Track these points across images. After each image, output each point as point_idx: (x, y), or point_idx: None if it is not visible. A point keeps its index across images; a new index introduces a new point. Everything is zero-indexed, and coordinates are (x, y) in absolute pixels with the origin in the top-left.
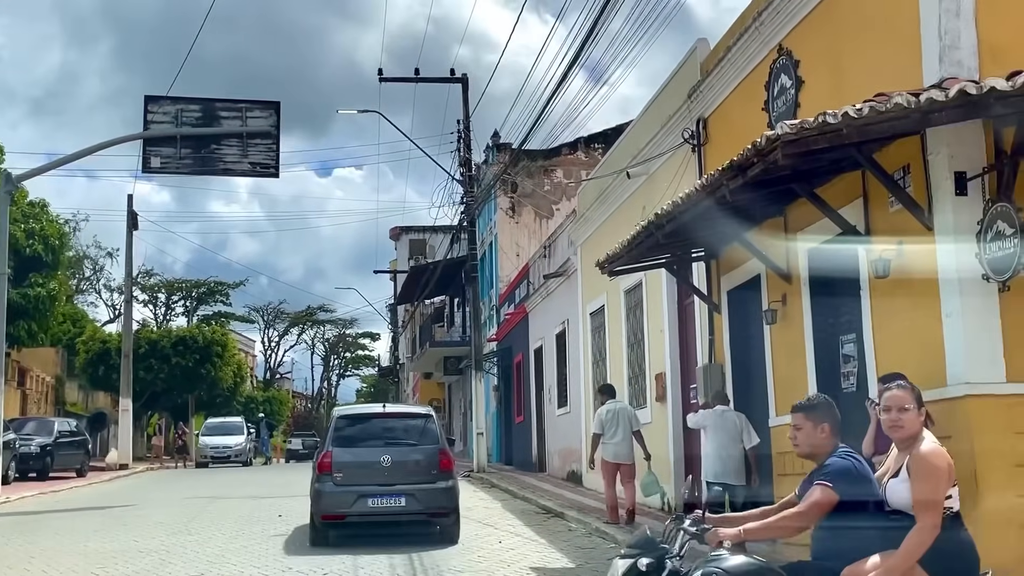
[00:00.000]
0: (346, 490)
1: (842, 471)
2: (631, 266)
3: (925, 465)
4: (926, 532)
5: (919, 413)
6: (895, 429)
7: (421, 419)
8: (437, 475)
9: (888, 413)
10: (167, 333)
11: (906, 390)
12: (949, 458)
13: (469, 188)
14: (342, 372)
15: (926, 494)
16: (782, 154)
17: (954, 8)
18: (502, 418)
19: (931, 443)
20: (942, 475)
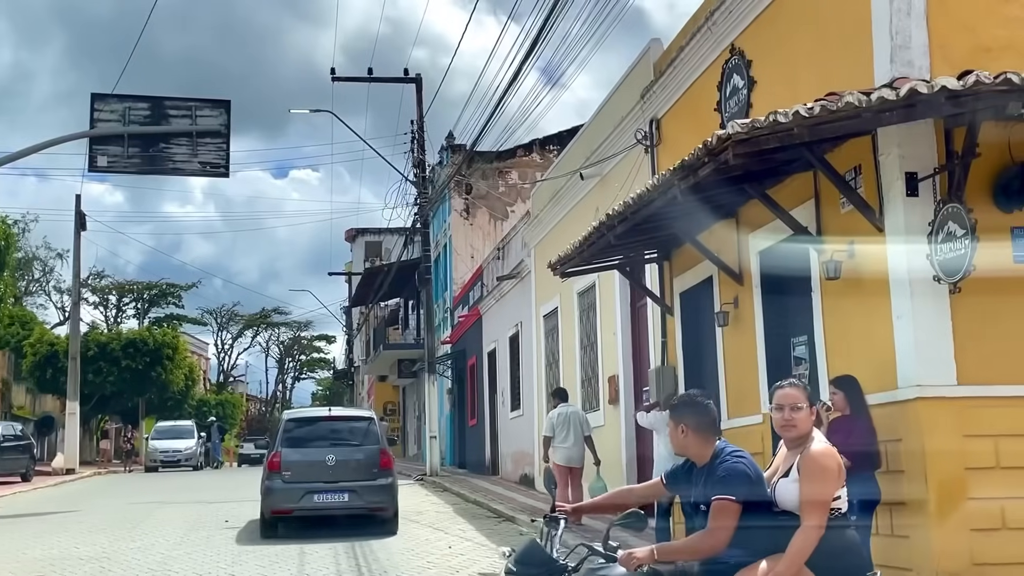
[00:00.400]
0: (294, 487)
1: (739, 477)
2: (583, 267)
3: (815, 465)
4: (811, 532)
5: (811, 412)
6: (787, 428)
7: (364, 422)
8: (378, 473)
9: (780, 412)
10: (117, 335)
11: (799, 388)
12: (839, 458)
13: (423, 189)
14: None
15: (814, 495)
16: (733, 154)
17: (905, 8)
18: (456, 421)
19: (821, 443)
20: (832, 475)
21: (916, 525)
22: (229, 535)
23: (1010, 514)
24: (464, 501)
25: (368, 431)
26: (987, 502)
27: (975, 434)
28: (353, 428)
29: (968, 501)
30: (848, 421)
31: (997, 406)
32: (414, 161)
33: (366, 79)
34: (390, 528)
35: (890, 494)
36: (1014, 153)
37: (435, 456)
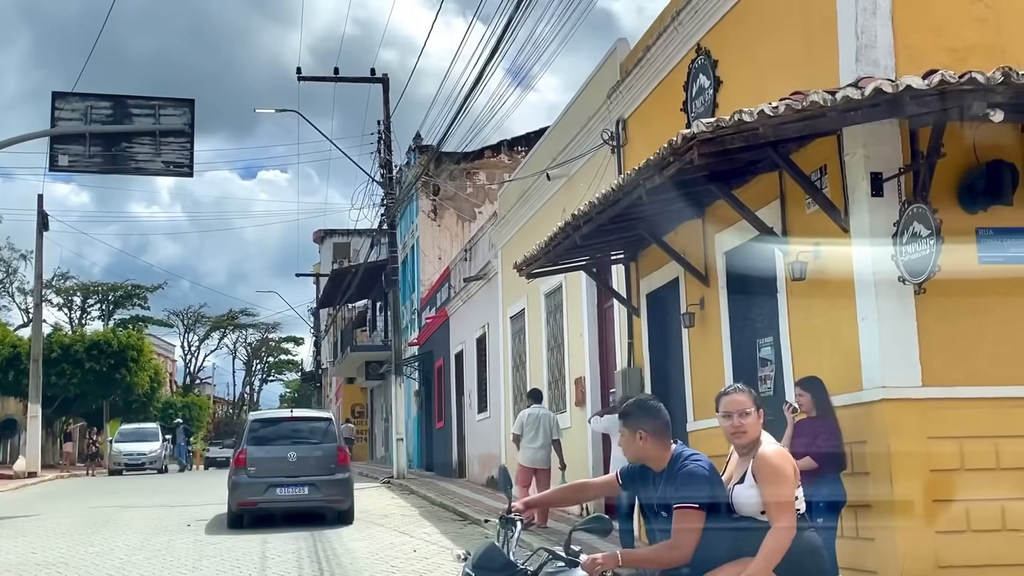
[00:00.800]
0: (258, 481)
1: (700, 481)
2: (549, 268)
3: (771, 468)
4: (783, 533)
5: (759, 416)
6: (737, 435)
7: (323, 422)
8: (335, 468)
9: (729, 419)
10: (81, 337)
11: (745, 393)
12: (792, 459)
13: (390, 190)
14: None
15: (778, 496)
16: (698, 153)
17: (871, 7)
18: (423, 423)
19: (772, 444)
20: (789, 476)
21: (881, 527)
22: (191, 538)
23: (975, 516)
24: (430, 504)
25: (327, 431)
26: (952, 504)
27: (940, 436)
28: (313, 428)
29: (933, 503)
30: (814, 423)
31: (962, 408)
32: (381, 162)
33: (332, 79)
34: (346, 519)
35: (855, 496)
36: (979, 153)
37: (402, 458)
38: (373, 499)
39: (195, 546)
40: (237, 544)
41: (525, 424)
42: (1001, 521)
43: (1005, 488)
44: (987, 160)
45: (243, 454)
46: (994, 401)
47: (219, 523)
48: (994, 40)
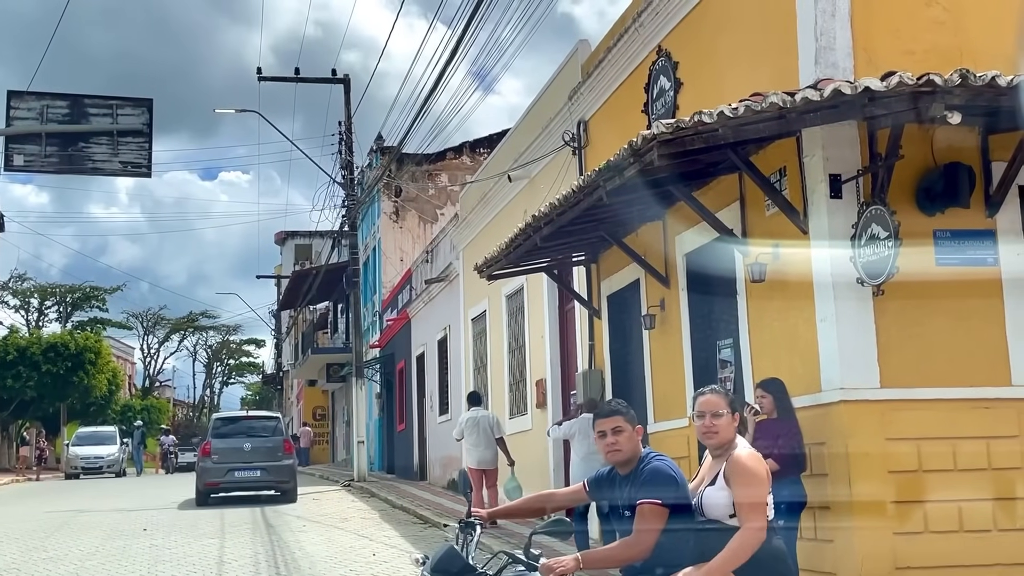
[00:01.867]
0: (220, 466)
1: (665, 479)
2: (510, 270)
3: (745, 470)
4: (753, 533)
5: (733, 419)
6: (709, 435)
7: (272, 420)
8: (282, 456)
9: (702, 419)
10: (37, 339)
11: (719, 395)
12: (765, 464)
13: (351, 191)
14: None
15: (751, 497)
16: (658, 154)
17: (830, 9)
18: (384, 426)
19: (746, 448)
20: (762, 479)
21: (840, 528)
22: (147, 543)
23: (932, 517)
24: (391, 507)
25: (275, 427)
26: (910, 505)
27: (898, 437)
28: (264, 425)
29: (891, 504)
30: (775, 424)
31: (919, 409)
32: (342, 163)
33: (293, 79)
34: (290, 497)
35: (814, 497)
36: (937, 155)
37: (363, 461)
38: (333, 502)
39: (151, 551)
40: (193, 548)
41: (465, 429)
42: (958, 522)
43: (962, 489)
44: (945, 162)
45: (208, 445)
46: (951, 403)
47: (175, 527)
48: (952, 42)
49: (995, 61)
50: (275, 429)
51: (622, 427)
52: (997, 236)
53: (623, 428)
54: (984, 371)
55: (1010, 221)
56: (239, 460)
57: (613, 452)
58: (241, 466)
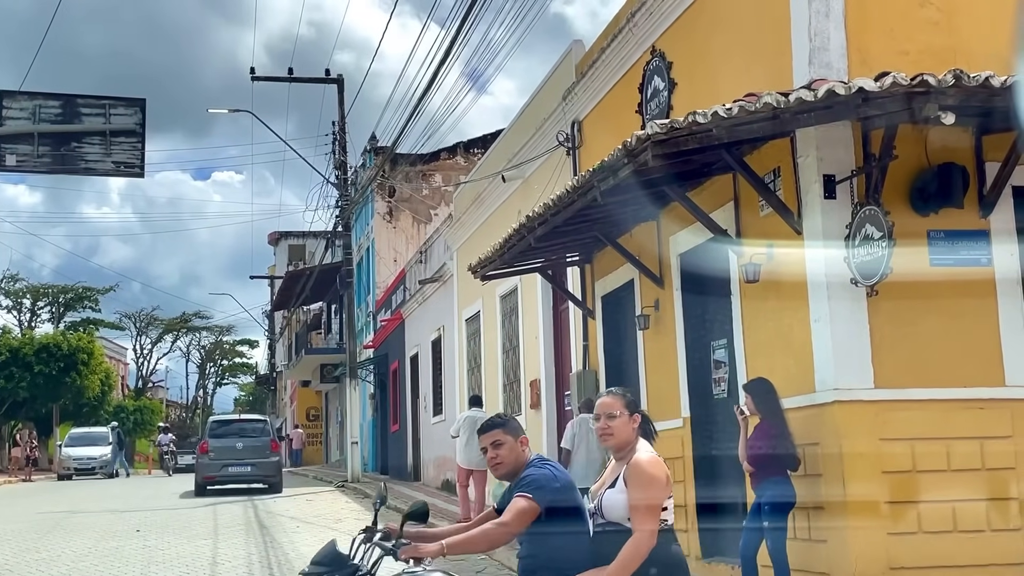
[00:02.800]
0: (216, 462)
1: (542, 480)
2: (505, 270)
3: (642, 473)
4: (644, 538)
5: (631, 420)
6: (605, 437)
7: (261, 423)
8: (269, 454)
9: (598, 420)
10: (29, 340)
11: (616, 396)
12: (666, 469)
13: (345, 191)
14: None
15: (645, 501)
16: (652, 155)
17: (824, 9)
18: (378, 426)
19: (647, 452)
20: (660, 483)
21: (834, 528)
22: (140, 544)
23: (926, 517)
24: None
25: (264, 428)
26: (904, 505)
27: (892, 437)
28: (254, 426)
29: (885, 504)
30: (761, 424)
31: (913, 409)
32: (336, 163)
33: (286, 79)
34: (276, 489)
35: (808, 497)
36: (931, 156)
37: (356, 462)
38: (327, 503)
39: (144, 551)
40: (186, 549)
41: (461, 426)
42: (952, 522)
43: (956, 489)
44: (938, 163)
45: (205, 444)
46: (945, 403)
47: (168, 528)
48: (946, 43)
49: (989, 62)
50: (263, 430)
51: (502, 440)
52: (991, 236)
53: (503, 441)
54: (978, 371)
55: (1004, 221)
56: (232, 457)
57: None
58: (234, 462)
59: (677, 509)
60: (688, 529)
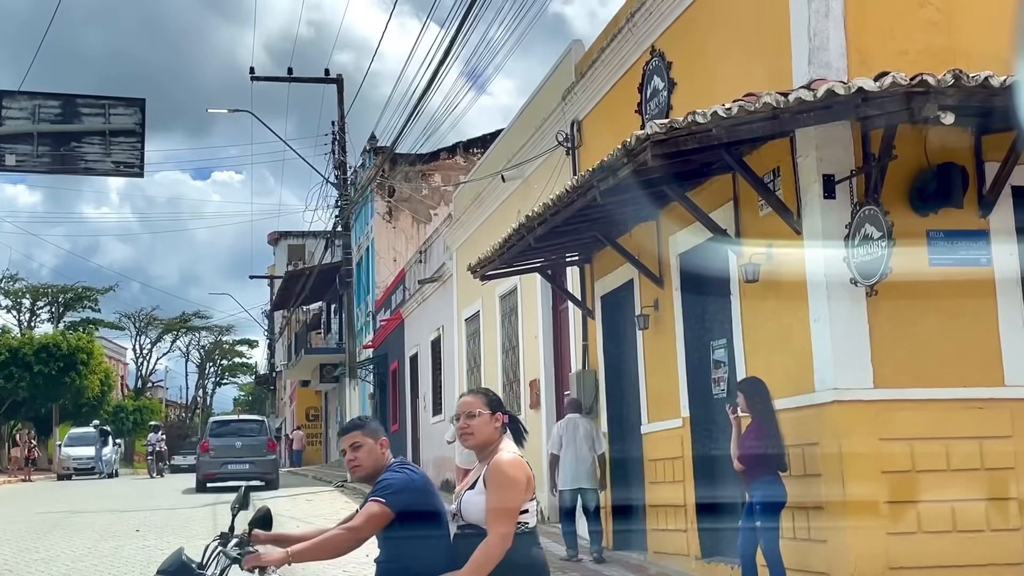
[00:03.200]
0: (216, 460)
1: (397, 484)
2: (504, 270)
3: (500, 474)
4: (496, 541)
5: (493, 419)
6: (466, 437)
7: (258, 423)
8: (266, 452)
9: (458, 420)
10: (29, 340)
11: (477, 395)
12: (529, 470)
13: (344, 191)
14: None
15: (500, 502)
16: (651, 154)
17: (823, 9)
18: None
19: (509, 453)
20: (519, 485)
21: (833, 528)
22: (139, 544)
23: (925, 517)
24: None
25: (261, 428)
26: (903, 505)
27: (891, 437)
28: (252, 426)
29: (885, 504)
30: (752, 423)
31: (913, 409)
32: (335, 163)
33: (286, 79)
34: (273, 485)
35: (807, 497)
36: (930, 156)
37: None
38: (327, 503)
39: (143, 551)
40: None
41: None
42: (951, 522)
43: (955, 489)
44: (938, 162)
45: (206, 443)
46: (944, 403)
47: (168, 528)
48: (945, 43)
49: (988, 61)
50: (261, 430)
51: (360, 442)
52: (990, 236)
53: (361, 443)
54: (977, 371)
55: (1003, 221)
56: (231, 455)
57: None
58: (233, 460)
59: (676, 509)
60: (688, 529)
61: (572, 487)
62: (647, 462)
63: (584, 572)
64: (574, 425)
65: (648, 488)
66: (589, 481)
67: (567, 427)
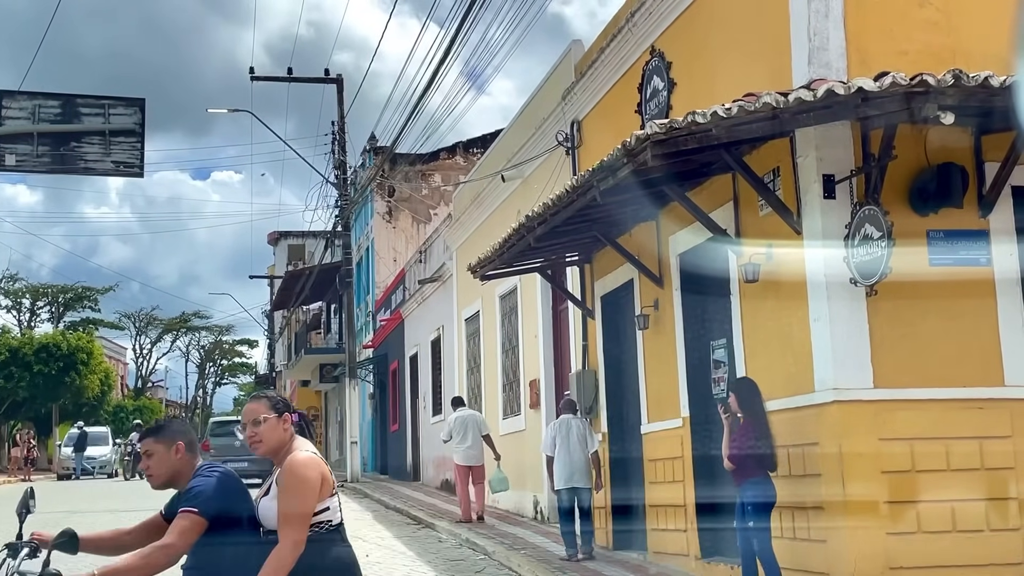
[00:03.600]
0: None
1: (208, 490)
2: (504, 270)
3: (292, 477)
4: (287, 550)
5: (281, 421)
6: (254, 445)
7: None
8: None
9: (244, 430)
10: (29, 340)
11: (260, 401)
12: (324, 468)
13: (344, 191)
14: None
15: (291, 508)
16: (651, 154)
17: (823, 9)
18: (377, 426)
19: (304, 452)
20: (311, 486)
21: (833, 528)
22: None
23: (925, 517)
24: (384, 507)
25: None
26: (903, 505)
27: (891, 437)
28: None
29: (884, 504)
30: (744, 423)
31: (913, 409)
32: (335, 163)
33: (286, 79)
34: None
35: (807, 497)
36: (930, 156)
37: (356, 462)
38: None
39: None
40: None
41: (453, 428)
42: (951, 522)
43: (955, 489)
44: (938, 162)
45: (207, 442)
46: (944, 403)
47: None
48: (945, 42)
49: (988, 61)
50: None
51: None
52: (990, 236)
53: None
54: (977, 371)
55: (1003, 221)
56: (231, 454)
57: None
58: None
59: (676, 509)
60: (688, 529)
61: (567, 486)
62: (647, 462)
63: (584, 572)
64: (567, 426)
65: (648, 488)
66: (583, 480)
67: (560, 428)
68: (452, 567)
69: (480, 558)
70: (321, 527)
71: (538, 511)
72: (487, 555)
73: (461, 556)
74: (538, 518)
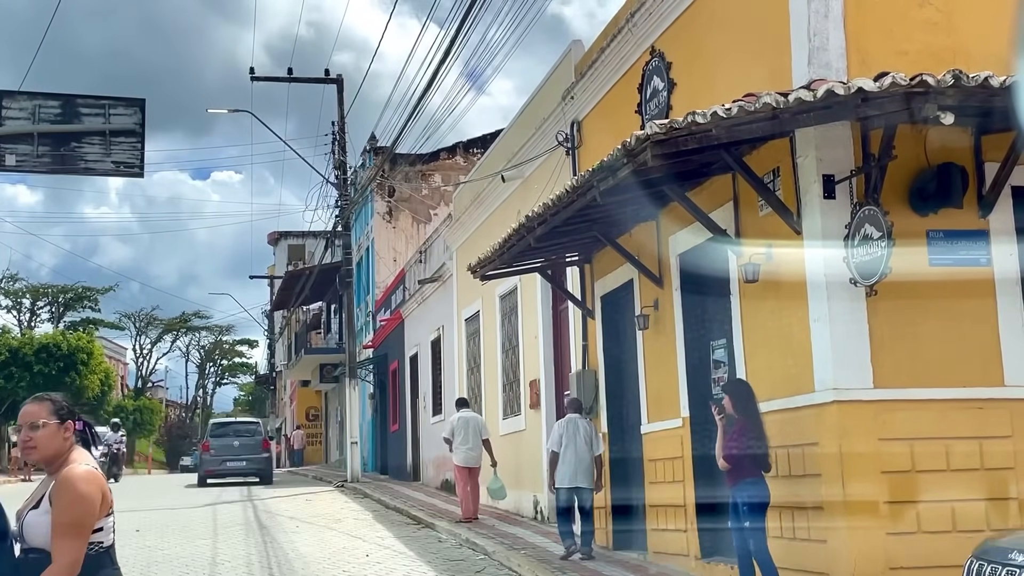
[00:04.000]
0: (216, 458)
1: None
2: (504, 270)
3: (69, 491)
4: (63, 571)
5: (62, 429)
6: (27, 450)
7: (255, 424)
8: (261, 451)
9: (19, 432)
10: (29, 340)
11: (42, 403)
12: (104, 484)
13: (344, 191)
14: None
15: (70, 524)
16: (651, 154)
17: (823, 10)
18: (378, 426)
19: (83, 466)
20: (91, 503)
21: (833, 528)
22: (139, 544)
23: (925, 517)
24: (384, 507)
25: (257, 429)
26: (903, 505)
27: (891, 437)
28: (248, 427)
29: (884, 504)
30: (737, 424)
31: (912, 409)
32: (335, 163)
33: (286, 79)
34: (267, 480)
35: (807, 497)
36: (930, 156)
37: (356, 462)
38: (326, 503)
39: (143, 552)
40: (186, 550)
41: (456, 429)
42: (951, 522)
43: (955, 489)
44: (938, 163)
45: (207, 443)
46: (944, 403)
47: (168, 528)
48: (945, 43)
49: (988, 62)
50: (256, 431)
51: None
52: (990, 236)
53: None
54: (977, 371)
55: (1003, 221)
56: (230, 454)
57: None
58: (231, 458)
59: (676, 509)
60: (687, 529)
61: (569, 486)
62: (647, 462)
63: (584, 572)
64: (575, 425)
65: (648, 488)
66: (586, 481)
67: (568, 426)
68: (452, 567)
69: (480, 558)
70: (91, 548)
71: (538, 511)
72: (487, 555)
73: (461, 556)
74: (538, 518)
